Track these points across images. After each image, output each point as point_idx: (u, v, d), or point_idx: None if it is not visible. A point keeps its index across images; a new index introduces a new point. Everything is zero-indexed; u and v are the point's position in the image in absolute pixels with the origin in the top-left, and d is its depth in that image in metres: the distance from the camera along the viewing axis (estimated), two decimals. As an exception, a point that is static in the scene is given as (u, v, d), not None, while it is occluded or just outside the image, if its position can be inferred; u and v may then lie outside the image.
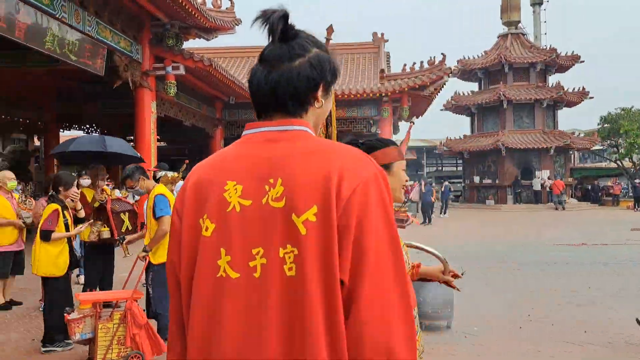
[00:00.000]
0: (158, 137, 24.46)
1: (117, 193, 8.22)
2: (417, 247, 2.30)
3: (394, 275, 1.04)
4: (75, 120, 19.95)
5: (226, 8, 16.31)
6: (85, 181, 6.74)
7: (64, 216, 4.84)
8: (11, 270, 6.62)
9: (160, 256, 4.66)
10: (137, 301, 4.25)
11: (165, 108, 15.27)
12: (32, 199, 7.79)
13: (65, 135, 22.58)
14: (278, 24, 1.12)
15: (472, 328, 5.35)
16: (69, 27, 10.44)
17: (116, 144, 7.32)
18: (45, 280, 4.80)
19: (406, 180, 1.99)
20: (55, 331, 4.57)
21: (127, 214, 6.12)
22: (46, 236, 4.73)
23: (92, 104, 18.39)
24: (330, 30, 5.66)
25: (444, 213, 23.17)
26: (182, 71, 13.74)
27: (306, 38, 1.18)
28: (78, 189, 6.53)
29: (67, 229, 4.87)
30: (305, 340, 1.00)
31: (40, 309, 5.75)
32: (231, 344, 1.04)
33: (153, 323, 4.51)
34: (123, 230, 6.02)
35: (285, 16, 1.12)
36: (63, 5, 10.22)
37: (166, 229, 4.51)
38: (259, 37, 1.16)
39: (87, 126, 21.10)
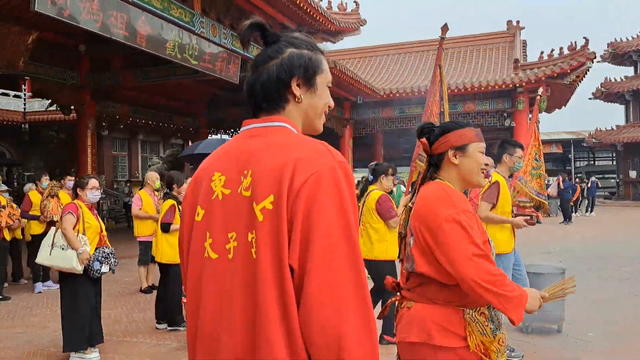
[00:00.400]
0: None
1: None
2: None
3: (346, 263, 1.10)
4: (221, 125, 21.85)
5: (351, 10, 16.71)
6: None
7: (179, 210, 5.45)
8: (151, 258, 7.21)
9: None
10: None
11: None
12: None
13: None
14: (245, 35, 1.27)
15: (586, 334, 5.01)
16: (207, 40, 11.61)
17: None
18: (167, 267, 5.46)
19: (485, 164, 1.98)
20: (177, 312, 5.22)
21: None
22: (165, 228, 5.40)
23: (234, 109, 20.09)
24: (444, 29, 5.64)
25: (591, 211, 21.21)
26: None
27: (285, 41, 1.30)
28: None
29: None
30: (262, 320, 1.11)
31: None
32: (209, 320, 1.20)
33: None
34: None
35: (259, 25, 1.27)
36: (202, 21, 11.39)
37: None
38: (386, 36, 1.31)
39: (231, 130, 22.95)
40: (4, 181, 10.84)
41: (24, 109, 17.97)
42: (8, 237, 7.58)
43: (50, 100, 16.10)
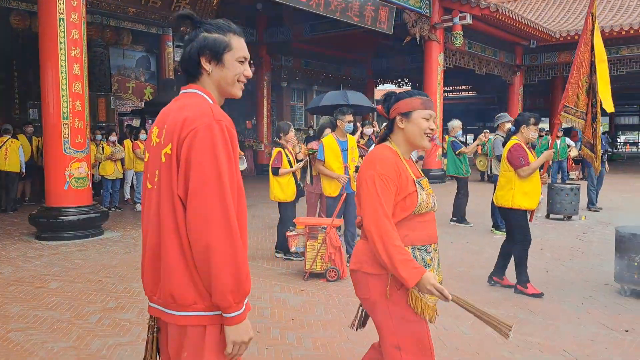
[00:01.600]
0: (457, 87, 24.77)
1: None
2: None
3: (214, 194, 1.53)
4: (387, 74, 22.19)
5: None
6: (368, 130, 8.28)
7: (286, 155, 6.16)
8: None
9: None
10: (336, 228, 5.32)
11: (456, 59, 15.70)
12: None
13: (380, 89, 25.32)
14: (177, 23, 1.80)
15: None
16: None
17: (356, 97, 8.57)
18: (279, 205, 6.30)
19: (431, 129, 2.21)
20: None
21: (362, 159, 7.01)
22: (275, 172, 6.11)
23: (400, 58, 20.25)
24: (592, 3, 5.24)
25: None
26: (468, 20, 13.85)
27: (204, 26, 1.69)
28: (362, 136, 7.96)
29: (291, 166, 6.15)
30: (163, 229, 1.61)
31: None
32: (145, 223, 1.74)
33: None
34: None
35: (186, 15, 1.71)
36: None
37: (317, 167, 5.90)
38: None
39: (398, 80, 23.13)
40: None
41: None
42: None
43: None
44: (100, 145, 10.17)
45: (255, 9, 16.42)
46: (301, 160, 6.73)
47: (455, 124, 8.55)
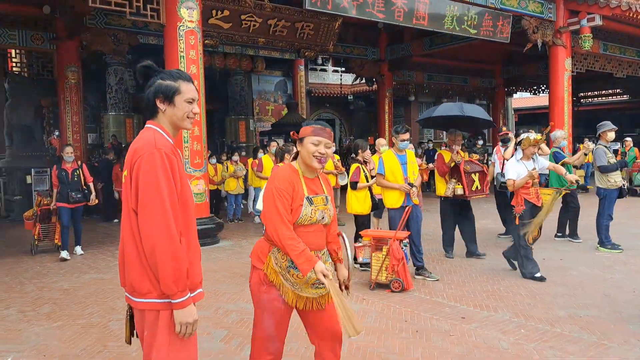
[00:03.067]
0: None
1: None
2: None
3: (155, 206, 1.98)
4: (518, 82, 21.14)
5: None
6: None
7: (363, 171, 6.50)
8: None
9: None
10: (399, 240, 5.50)
11: (588, 62, 14.58)
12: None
13: (516, 98, 24.14)
14: (139, 73, 2.19)
15: None
16: (470, 4, 11.83)
17: (472, 109, 7.67)
18: (355, 217, 6.62)
19: (320, 153, 2.60)
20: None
21: (477, 174, 6.87)
22: (353, 186, 6.51)
23: (532, 66, 19.25)
24: None
25: None
26: (598, 22, 12.82)
27: (158, 75, 2.15)
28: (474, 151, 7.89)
29: (367, 180, 6.48)
30: (124, 235, 2.11)
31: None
32: (122, 230, 2.24)
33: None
34: (473, 189, 6.78)
35: (147, 65, 2.19)
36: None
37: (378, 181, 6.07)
38: None
39: (534, 87, 21.89)
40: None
41: (340, 82, 21.45)
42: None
43: (354, 75, 18.70)
44: (225, 164, 11.42)
45: (376, 29, 16.93)
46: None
47: (559, 134, 8.13)
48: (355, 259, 6.07)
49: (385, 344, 4.04)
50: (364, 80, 19.35)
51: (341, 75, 21.63)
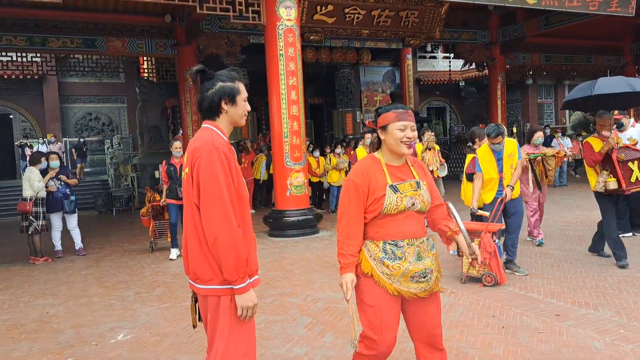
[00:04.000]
0: None
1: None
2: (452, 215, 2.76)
3: (215, 200, 2.16)
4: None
5: None
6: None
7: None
8: None
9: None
10: (492, 233, 5.30)
11: None
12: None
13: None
14: (195, 75, 2.36)
15: None
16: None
17: (609, 85, 6.27)
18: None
19: (408, 137, 2.50)
20: None
21: (636, 162, 5.63)
22: (469, 177, 6.27)
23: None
24: None
25: None
26: None
27: (218, 77, 2.29)
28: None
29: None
30: (187, 228, 2.31)
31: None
32: (183, 235, 2.43)
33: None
34: (632, 180, 5.58)
35: (202, 70, 2.36)
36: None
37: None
38: None
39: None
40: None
41: (449, 69, 20.81)
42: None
43: (462, 61, 18.03)
44: (328, 157, 11.69)
45: (486, 11, 16.18)
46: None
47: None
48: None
49: (467, 339, 3.96)
50: (474, 66, 18.60)
51: (450, 61, 20.98)
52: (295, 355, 3.83)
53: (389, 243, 2.52)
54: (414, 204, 2.52)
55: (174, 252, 7.47)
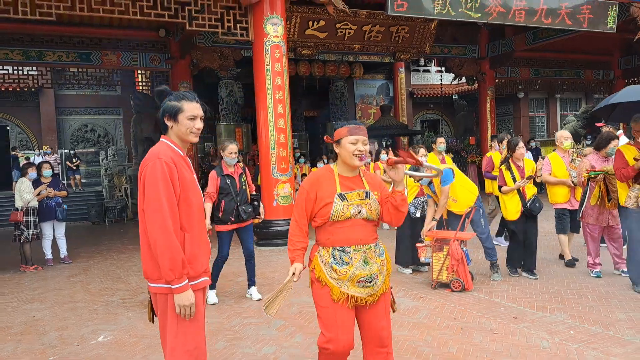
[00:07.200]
0: None
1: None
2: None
3: (155, 206, 2.36)
4: (638, 73, 19.34)
5: None
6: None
7: (511, 172, 5.89)
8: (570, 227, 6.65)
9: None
10: (460, 241, 5.54)
11: None
12: (582, 157, 6.41)
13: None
14: (157, 95, 2.61)
15: None
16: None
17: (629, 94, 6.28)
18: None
19: (357, 150, 2.70)
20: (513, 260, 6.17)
21: None
22: (499, 189, 6.06)
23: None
24: None
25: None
26: None
27: (169, 97, 2.52)
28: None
29: (515, 182, 5.83)
30: (140, 234, 2.52)
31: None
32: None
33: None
34: None
35: (161, 90, 2.61)
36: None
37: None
38: None
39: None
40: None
41: (441, 82, 21.16)
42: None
43: (453, 74, 18.37)
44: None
45: (475, 26, 16.53)
46: (531, 177, 5.92)
47: None
48: (417, 258, 6.18)
49: (425, 338, 4.19)
50: (464, 80, 18.95)
51: (441, 75, 21.35)
52: (264, 354, 4.06)
53: (337, 249, 2.75)
54: (360, 212, 2.71)
55: (254, 290, 5.79)
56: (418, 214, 6.42)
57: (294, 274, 2.79)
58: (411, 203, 6.42)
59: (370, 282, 2.73)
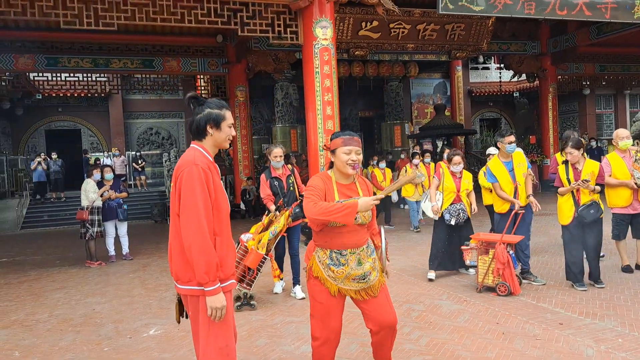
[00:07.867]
0: None
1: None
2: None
3: (191, 211, 2.45)
4: None
5: None
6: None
7: (567, 172, 5.57)
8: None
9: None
10: (506, 244, 5.41)
11: None
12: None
13: None
14: (188, 101, 2.71)
15: None
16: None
17: None
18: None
19: (351, 160, 2.89)
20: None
21: None
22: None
23: None
24: None
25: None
26: None
27: (207, 104, 2.61)
28: None
29: (569, 183, 5.53)
30: (171, 237, 2.58)
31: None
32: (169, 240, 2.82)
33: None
34: None
35: (194, 96, 2.71)
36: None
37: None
38: None
39: None
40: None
41: (500, 80, 20.55)
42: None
43: (512, 72, 17.82)
44: (404, 167, 10.76)
45: (536, 22, 15.98)
46: (587, 180, 5.44)
47: None
48: (462, 261, 6.09)
49: (464, 342, 4.15)
50: (524, 77, 18.36)
51: (500, 72, 20.76)
52: (302, 352, 4.16)
53: (334, 252, 2.99)
54: (356, 219, 2.89)
55: (298, 289, 5.88)
56: (453, 222, 6.21)
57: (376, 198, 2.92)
58: (446, 210, 6.26)
59: (363, 279, 3.01)
